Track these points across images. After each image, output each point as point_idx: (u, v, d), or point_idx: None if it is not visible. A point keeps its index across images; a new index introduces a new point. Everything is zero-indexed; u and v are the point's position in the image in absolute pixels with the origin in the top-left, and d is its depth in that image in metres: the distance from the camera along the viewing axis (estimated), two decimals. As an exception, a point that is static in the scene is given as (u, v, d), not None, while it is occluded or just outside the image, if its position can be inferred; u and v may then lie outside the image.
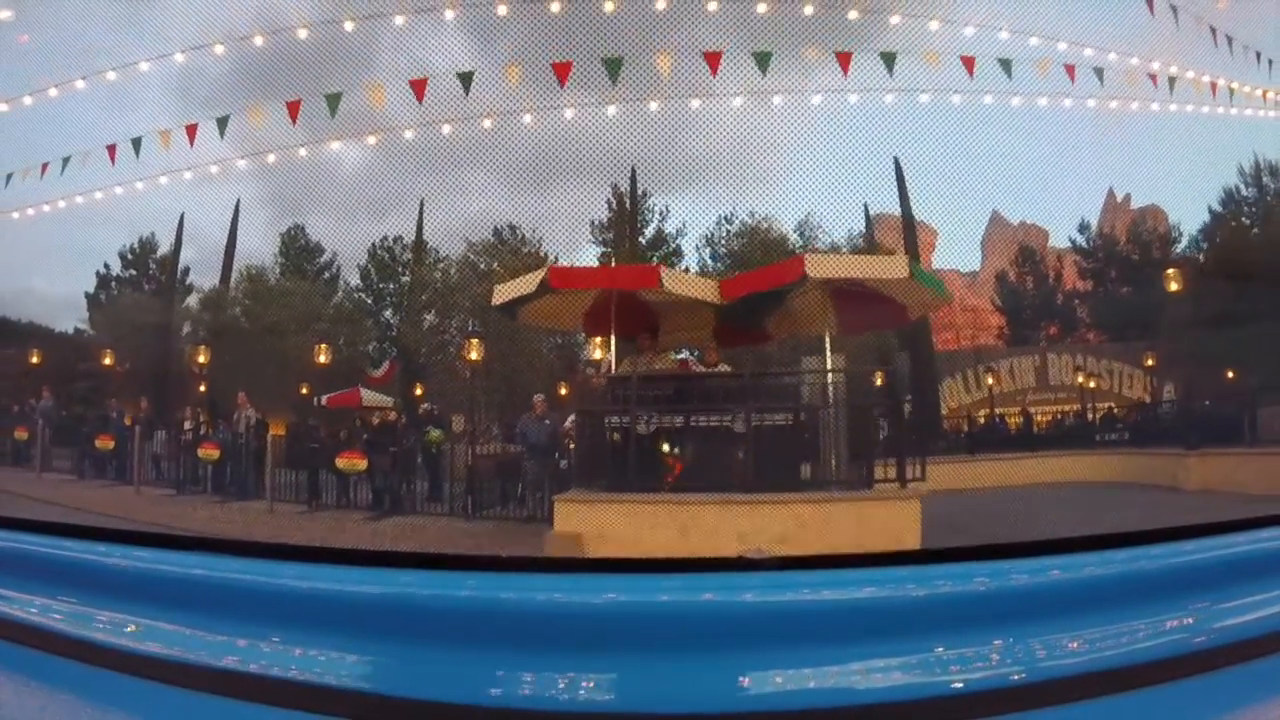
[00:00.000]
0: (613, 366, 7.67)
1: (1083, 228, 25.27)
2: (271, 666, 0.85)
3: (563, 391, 11.50)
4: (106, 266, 22.42)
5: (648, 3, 8.93)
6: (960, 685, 0.80)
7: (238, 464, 10.69)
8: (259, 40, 9.75)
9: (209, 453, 10.86)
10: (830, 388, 7.13)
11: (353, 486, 9.93)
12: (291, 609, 0.92)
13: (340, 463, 9.82)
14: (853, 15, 9.69)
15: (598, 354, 9.73)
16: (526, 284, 7.12)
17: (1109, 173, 24.79)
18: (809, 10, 9.26)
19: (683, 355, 9.91)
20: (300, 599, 0.92)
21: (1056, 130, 16.55)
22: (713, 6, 9.20)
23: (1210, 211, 22.34)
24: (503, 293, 7.51)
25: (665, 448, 6.49)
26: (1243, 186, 22.07)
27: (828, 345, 7.42)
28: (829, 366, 7.22)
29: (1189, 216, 23.27)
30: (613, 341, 7.68)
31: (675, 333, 8.78)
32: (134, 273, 22.03)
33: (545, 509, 7.31)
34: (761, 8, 8.98)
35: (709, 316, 8.03)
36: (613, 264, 16.44)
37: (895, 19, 9.86)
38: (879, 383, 8.15)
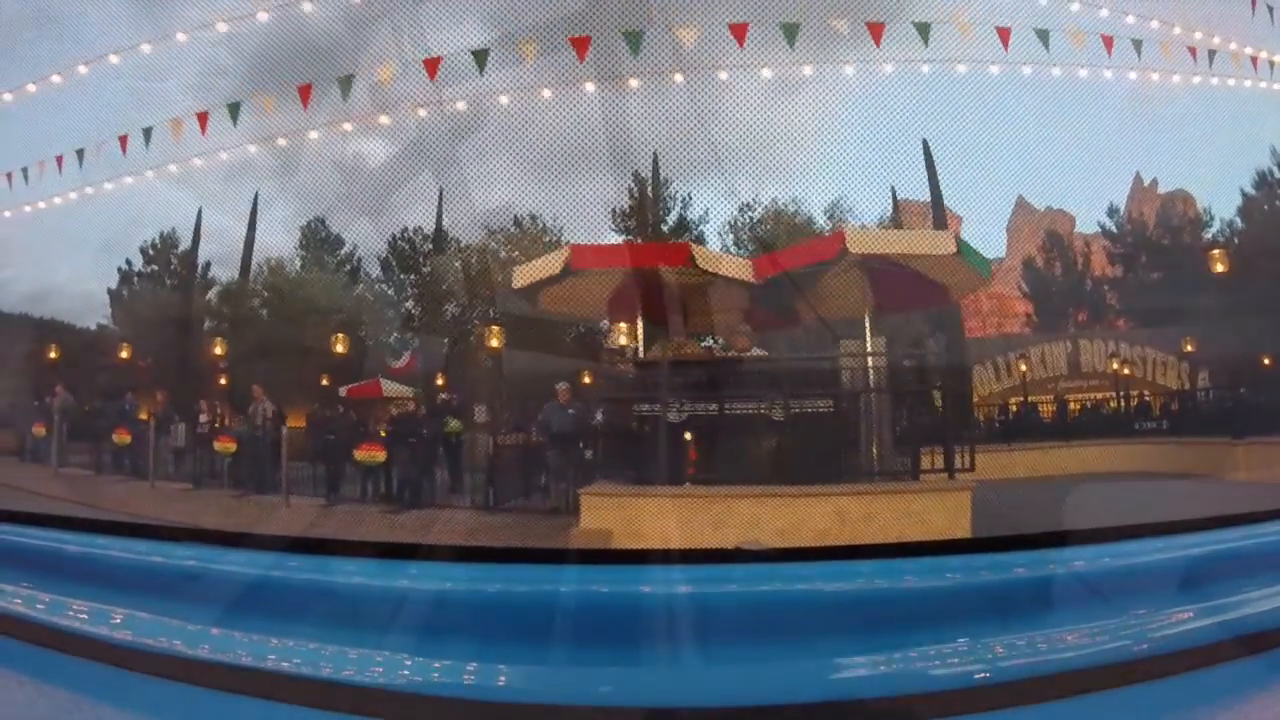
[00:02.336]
0: (640, 352, 7.27)
1: (1111, 211, 24.51)
2: (275, 661, 0.83)
3: (586, 380, 11.09)
4: (129, 263, 22.46)
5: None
6: (962, 678, 0.78)
7: (256, 457, 10.47)
8: (284, 33, 9.61)
9: (225, 446, 10.68)
10: (871, 372, 6.68)
11: (374, 478, 9.65)
12: (295, 603, 0.90)
13: (359, 455, 9.56)
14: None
15: (623, 340, 9.33)
16: (549, 265, 6.72)
17: (1141, 155, 23.93)
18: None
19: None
20: (304, 593, 0.91)
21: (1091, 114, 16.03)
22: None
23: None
24: (524, 275, 7.10)
25: (697, 438, 6.05)
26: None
27: (867, 327, 6.98)
28: (869, 349, 6.78)
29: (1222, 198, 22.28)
30: (639, 327, 7.27)
31: (701, 317, 8.35)
32: (156, 268, 21.99)
33: (570, 500, 6.95)
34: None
35: (738, 299, 7.59)
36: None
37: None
38: (924, 365, 7.65)
